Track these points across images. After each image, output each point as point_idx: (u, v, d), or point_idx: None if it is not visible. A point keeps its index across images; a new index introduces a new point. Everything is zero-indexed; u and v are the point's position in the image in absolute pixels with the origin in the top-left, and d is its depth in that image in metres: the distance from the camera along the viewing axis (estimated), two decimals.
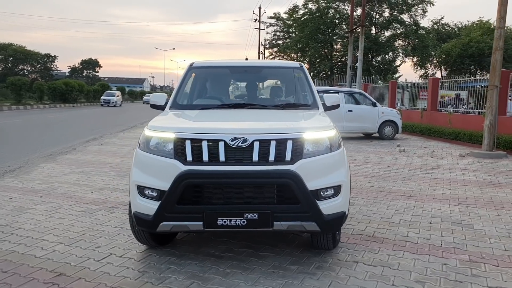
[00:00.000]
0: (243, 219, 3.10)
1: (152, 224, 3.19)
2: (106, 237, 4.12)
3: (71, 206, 5.24)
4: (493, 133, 9.56)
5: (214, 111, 4.08)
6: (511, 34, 39.40)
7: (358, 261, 3.52)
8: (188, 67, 4.64)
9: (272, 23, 44.47)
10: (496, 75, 9.37)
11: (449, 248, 3.84)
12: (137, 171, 3.33)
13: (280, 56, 46.79)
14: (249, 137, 3.15)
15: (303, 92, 4.44)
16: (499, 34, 9.28)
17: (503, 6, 9.15)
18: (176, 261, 3.52)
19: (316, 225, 3.14)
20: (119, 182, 6.74)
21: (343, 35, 33.09)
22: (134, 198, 3.32)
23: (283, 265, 3.43)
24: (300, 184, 3.06)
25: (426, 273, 3.28)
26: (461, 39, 38.63)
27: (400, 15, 30.96)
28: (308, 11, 32.81)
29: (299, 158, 3.14)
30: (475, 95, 16.70)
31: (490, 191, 6.20)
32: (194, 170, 3.09)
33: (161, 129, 3.36)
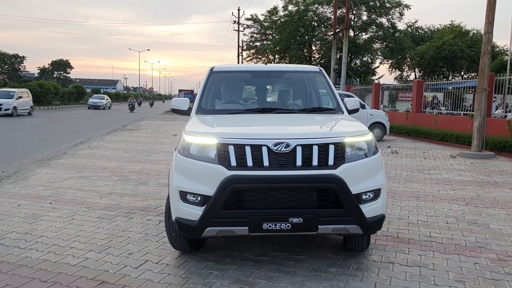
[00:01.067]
0: (288, 223, 3.14)
1: (197, 229, 3.18)
2: (134, 243, 4.07)
3: (85, 213, 5.13)
4: (482, 134, 9.95)
5: (245, 115, 4.10)
6: (481, 38, 41.08)
7: (393, 262, 3.62)
8: (209, 72, 4.64)
9: (249, 25, 44.54)
10: (484, 78, 9.75)
11: (474, 248, 3.99)
12: (179, 176, 3.32)
13: (258, 57, 46.90)
14: (291, 142, 3.19)
15: (328, 96, 4.52)
16: (487, 38, 9.67)
17: (491, 12, 9.54)
18: (215, 266, 3.52)
19: (359, 228, 3.21)
20: (124, 187, 6.64)
21: (322, 37, 33.56)
22: (176, 204, 3.30)
23: (322, 268, 3.49)
24: (345, 188, 3.12)
25: (462, 272, 3.41)
26: (434, 42, 39.92)
27: (378, 18, 31.67)
28: (288, 13, 33.08)
29: (341, 162, 3.21)
30: (450, 97, 17.37)
31: (492, 191, 6.46)
32: (239, 175, 3.11)
33: (202, 135, 3.36)
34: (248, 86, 4.80)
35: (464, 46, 38.01)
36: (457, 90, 17.46)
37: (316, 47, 35.20)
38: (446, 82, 16.60)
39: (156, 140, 13.69)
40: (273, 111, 4.20)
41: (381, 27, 31.84)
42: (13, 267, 3.49)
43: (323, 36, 33.46)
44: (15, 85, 37.33)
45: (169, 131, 17.61)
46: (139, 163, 8.99)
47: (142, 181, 7.08)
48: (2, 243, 4.05)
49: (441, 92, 19.42)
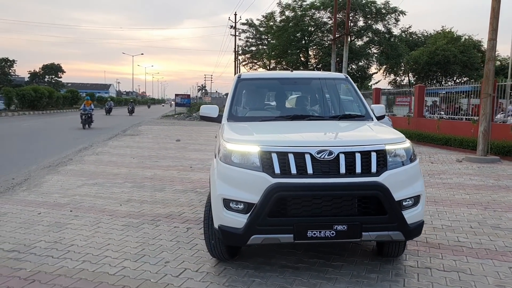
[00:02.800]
0: (332, 231, 3.17)
1: (243, 237, 3.20)
2: (168, 251, 4.06)
3: (110, 220, 5.12)
4: (487, 139, 10.09)
5: (279, 123, 4.13)
6: (473, 43, 41.64)
7: (430, 268, 3.67)
8: (236, 79, 4.67)
9: (245, 29, 44.69)
10: (489, 84, 9.91)
11: (505, 252, 4.06)
12: (222, 184, 3.33)
13: (253, 62, 47.05)
14: (334, 149, 3.23)
15: (355, 103, 4.57)
16: (491, 45, 9.84)
17: (495, 19, 9.72)
18: (255, 273, 3.53)
19: (402, 234, 3.25)
20: (141, 193, 6.62)
21: (319, 42, 33.74)
22: (220, 212, 3.31)
23: (361, 274, 3.52)
24: (388, 195, 3.17)
25: (500, 277, 3.47)
26: (428, 47, 40.33)
27: (374, 24, 31.99)
28: (285, 18, 33.25)
29: (383, 169, 3.25)
30: (445, 102, 17.63)
31: (506, 195, 6.56)
32: (285, 183, 3.14)
33: (244, 142, 3.38)
34: (278, 92, 4.83)
35: (456, 52, 38.45)
36: (452, 94, 17.76)
37: (313, 52, 35.38)
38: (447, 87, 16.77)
39: (160, 146, 13.66)
40: (305, 118, 4.24)
41: (377, 33, 32.14)
42: (51, 277, 3.47)
43: (320, 41, 33.63)
44: (9, 89, 36.88)
45: (171, 136, 17.57)
46: (149, 169, 8.97)
47: (157, 188, 7.06)
48: (34, 253, 4.03)
49: (434, 96, 19.65)
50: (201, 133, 19.66)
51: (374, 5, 30.67)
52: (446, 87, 19.23)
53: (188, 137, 17.14)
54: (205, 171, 8.75)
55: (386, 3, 30.87)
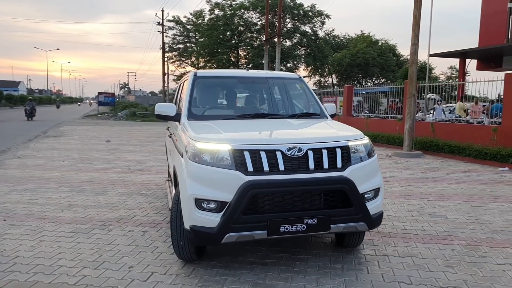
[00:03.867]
0: (303, 225, 3.28)
1: (217, 236, 3.18)
2: (129, 256, 3.88)
3: (54, 227, 4.75)
4: (412, 136, 11.02)
5: (242, 121, 4.13)
6: (389, 47, 45.01)
7: (387, 255, 3.94)
8: (192, 77, 4.59)
9: (172, 26, 43.75)
10: (413, 85, 10.82)
11: (445, 236, 4.49)
12: (193, 183, 3.27)
13: (181, 60, 46.27)
14: (303, 146, 3.34)
15: (309, 102, 4.73)
16: (414, 49, 10.74)
17: (416, 26, 10.63)
18: (226, 272, 3.52)
19: (366, 225, 3.46)
20: (82, 198, 6.23)
21: (249, 43, 34.21)
22: (191, 212, 3.25)
23: (328, 265, 3.68)
24: (354, 189, 3.35)
25: (446, 258, 3.84)
26: (349, 50, 42.81)
27: (302, 26, 33.20)
28: (215, 17, 33.20)
29: (348, 164, 3.43)
30: (368, 101, 18.90)
31: (434, 186, 7.22)
32: (259, 180, 3.17)
33: (214, 141, 3.35)
34: (236, 91, 4.83)
35: (375, 55, 41.28)
36: (373, 94, 19.05)
37: (244, 52, 35.76)
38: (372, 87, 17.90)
39: (90, 147, 12.90)
40: (266, 117, 4.31)
41: (305, 35, 33.40)
42: None
43: (250, 41, 34.09)
44: None
45: (99, 137, 16.68)
46: (84, 172, 8.44)
47: (99, 191, 6.68)
48: None
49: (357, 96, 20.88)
50: (131, 133, 18.92)
51: (301, 8, 31.81)
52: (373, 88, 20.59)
53: (119, 138, 16.39)
54: (145, 173, 8.47)
55: (312, 6, 32.19)
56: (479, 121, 12.59)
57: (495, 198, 6.34)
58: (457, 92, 21.77)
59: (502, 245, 4.21)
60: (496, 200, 6.18)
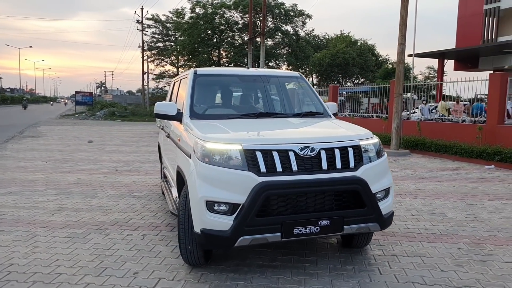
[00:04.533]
0: (317, 226, 3.21)
1: (230, 239, 3.07)
2: (132, 261, 3.72)
3: (47, 233, 4.53)
4: (399, 135, 11.13)
5: (247, 120, 4.03)
6: (368, 47, 45.63)
7: (395, 255, 3.90)
8: (193, 75, 4.45)
9: (150, 25, 43.15)
10: (400, 85, 10.93)
11: (448, 235, 4.49)
12: (204, 185, 3.14)
13: (161, 59, 45.70)
14: (315, 146, 3.26)
15: (312, 101, 4.66)
16: (401, 49, 10.85)
17: (403, 26, 10.74)
18: (236, 276, 3.41)
19: (378, 225, 3.41)
20: (72, 201, 5.98)
21: (230, 42, 34.01)
22: (202, 215, 3.12)
23: (338, 267, 3.61)
24: (367, 189, 3.29)
25: (455, 257, 3.83)
26: (330, 50, 43.19)
27: (283, 26, 33.23)
28: (196, 16, 32.84)
29: (360, 164, 3.37)
30: (349, 101, 19.07)
31: (427, 184, 7.28)
32: (272, 181, 3.08)
33: (225, 141, 3.23)
34: (238, 89, 4.71)
35: (354, 55, 41.77)
36: (355, 94, 19.22)
37: (225, 52, 35.52)
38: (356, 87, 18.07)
39: (72, 148, 12.52)
40: (271, 116, 4.21)
41: (286, 34, 33.44)
42: None
43: (231, 40, 33.89)
44: None
45: (80, 137, 16.23)
46: (70, 174, 8.15)
47: (88, 194, 6.44)
48: None
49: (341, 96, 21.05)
50: (113, 133, 18.50)
51: (282, 7, 31.84)
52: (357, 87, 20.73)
53: (101, 138, 15.99)
54: (134, 174, 8.24)
55: (294, 5, 32.26)
56: (462, 120, 12.83)
57: (488, 195, 6.44)
58: (435, 91, 22.27)
59: (506, 243, 4.24)
60: (489, 198, 6.27)
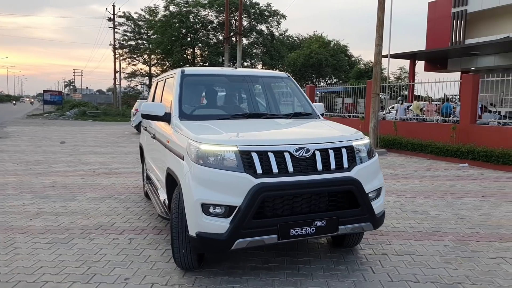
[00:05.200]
0: (313, 227, 3.21)
1: (227, 243, 3.02)
2: (121, 267, 3.61)
3: (26, 239, 4.34)
4: (377, 134, 11.33)
5: (238, 121, 3.98)
6: (341, 48, 46.33)
7: (386, 253, 3.96)
8: (180, 75, 4.36)
9: (122, 22, 42.30)
10: (377, 85, 11.14)
11: (434, 233, 4.60)
12: (199, 187, 3.08)
13: (132, 57, 44.90)
14: (310, 146, 3.26)
15: (300, 101, 4.66)
16: (378, 50, 11.05)
17: (380, 27, 10.94)
18: (231, 279, 3.36)
19: (371, 225, 3.44)
20: (50, 204, 5.77)
21: (205, 41, 33.74)
22: (198, 218, 3.06)
23: (331, 267, 3.63)
24: (361, 189, 3.32)
25: (442, 254, 3.92)
26: (303, 50, 43.57)
27: (258, 25, 33.27)
28: (170, 14, 32.40)
29: (353, 165, 3.39)
30: (323, 101, 19.34)
31: (407, 183, 7.44)
32: (269, 183, 3.06)
33: (219, 143, 3.18)
34: (226, 89, 4.65)
35: (328, 55, 42.30)
36: (328, 94, 19.48)
37: (200, 50, 35.21)
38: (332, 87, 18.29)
39: (44, 149, 12.10)
40: (261, 116, 4.18)
41: (261, 34, 33.50)
42: None
43: (206, 39, 33.63)
44: None
45: (51, 138, 15.72)
46: (44, 176, 7.86)
47: (67, 197, 6.22)
48: None
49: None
50: (85, 134, 18.00)
51: (257, 7, 31.87)
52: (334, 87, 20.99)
53: (74, 139, 15.53)
54: (113, 176, 8.03)
55: (268, 5, 32.34)
56: (436, 119, 13.21)
57: (465, 193, 6.64)
58: (407, 92, 22.86)
59: (488, 239, 4.38)
60: (467, 195, 6.46)
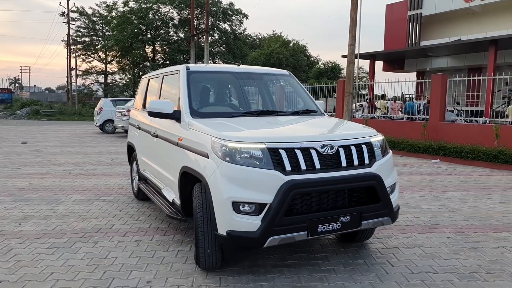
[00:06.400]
0: (338, 223, 3.25)
1: (259, 240, 3.00)
2: (138, 269, 3.47)
3: (23, 244, 4.07)
4: None
5: (251, 118, 3.94)
6: (300, 48, 47.05)
7: (397, 247, 4.08)
8: (186, 72, 4.25)
9: (75, 17, 40.58)
10: (350, 84, 11.43)
11: (433, 226, 4.79)
12: (230, 185, 3.03)
13: (87, 54, 43.22)
14: (334, 143, 3.31)
15: (304, 99, 4.69)
16: (351, 50, 11.34)
17: (353, 28, 11.24)
18: (256, 277, 3.33)
19: (390, 219, 3.53)
20: (36, 208, 5.44)
21: (165, 38, 33.07)
22: (229, 216, 3.02)
23: (350, 262, 3.69)
24: (382, 184, 3.40)
25: (449, 246, 4.10)
26: (264, 50, 43.85)
27: (220, 24, 33.06)
28: (129, 10, 31.43)
29: (373, 161, 3.47)
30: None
31: None
32: (299, 180, 3.06)
33: (247, 140, 3.14)
34: (234, 87, 4.58)
35: (288, 55, 42.83)
36: None
37: (161, 48, 34.43)
38: None
39: (5, 150, 11.40)
40: (272, 114, 4.17)
41: (224, 32, 33.32)
42: None
43: (167, 36, 32.97)
44: None
45: (9, 138, 14.85)
46: (17, 179, 7.40)
47: (50, 200, 5.89)
48: None
49: None
50: (45, 134, 17.13)
51: (220, 5, 31.68)
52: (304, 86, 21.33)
53: (34, 139, 14.73)
54: (92, 177, 7.70)
55: (231, 3, 32.23)
56: (401, 117, 13.77)
57: (447, 187, 6.98)
58: (368, 91, 23.68)
59: (484, 231, 4.63)
60: (449, 189, 6.80)
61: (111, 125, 17.08)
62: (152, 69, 32.48)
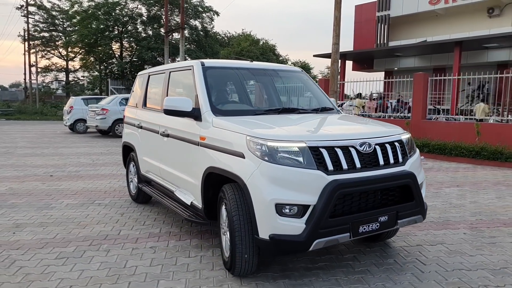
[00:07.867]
0: (377, 223, 3.17)
1: (304, 244, 2.86)
2: (165, 279, 3.25)
3: (26, 255, 3.73)
4: None
5: (276, 116, 3.78)
6: (270, 47, 47.16)
7: (420, 244, 4.06)
8: (201, 67, 4.03)
9: (33, 11, 38.64)
10: (335, 83, 11.48)
11: (445, 222, 4.83)
12: (273, 186, 2.87)
13: (46, 50, 41.31)
14: (371, 141, 3.22)
15: (318, 96, 4.58)
16: (335, 48, 11.39)
17: (337, 26, 11.29)
18: (293, 282, 3.19)
19: (422, 217, 3.49)
20: (26, 214, 5.04)
21: (133, 34, 32.13)
22: (272, 219, 2.86)
23: (381, 261, 3.62)
24: (416, 182, 3.35)
25: (469, 242, 4.12)
26: (234, 48, 43.60)
27: (191, 21, 32.47)
28: (94, 5, 30.28)
29: (406, 159, 3.42)
30: None
31: None
32: (343, 179, 2.95)
33: (286, 138, 3.00)
34: (249, 84, 4.39)
35: (258, 53, 42.81)
36: None
37: (129, 45, 33.40)
38: None
39: None
40: (294, 112, 4.03)
41: (195, 29, 32.78)
42: None
43: (135, 33, 32.03)
44: None
45: None
46: None
47: (40, 205, 5.48)
48: None
49: None
50: (9, 134, 16.18)
51: (191, 2, 31.14)
52: None
53: None
54: (77, 179, 7.28)
55: (201, 1, 31.77)
56: (378, 116, 14.00)
57: (441, 184, 7.11)
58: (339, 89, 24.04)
59: (495, 225, 4.70)
60: (444, 186, 6.92)
61: (83, 124, 16.36)
62: (120, 66, 31.50)
